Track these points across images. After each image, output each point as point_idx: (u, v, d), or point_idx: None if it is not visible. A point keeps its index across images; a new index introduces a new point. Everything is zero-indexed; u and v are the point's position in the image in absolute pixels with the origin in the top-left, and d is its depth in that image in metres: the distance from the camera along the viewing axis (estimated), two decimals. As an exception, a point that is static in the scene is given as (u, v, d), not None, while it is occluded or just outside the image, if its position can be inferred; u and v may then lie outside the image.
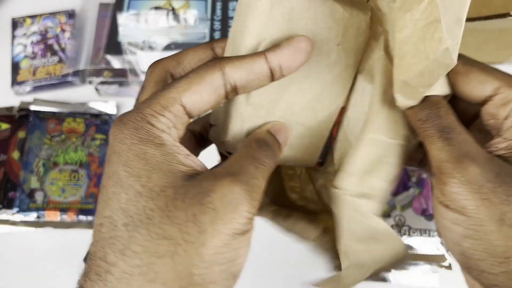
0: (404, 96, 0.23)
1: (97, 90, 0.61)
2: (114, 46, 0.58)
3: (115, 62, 0.58)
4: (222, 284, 0.19)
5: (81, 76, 0.62)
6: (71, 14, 0.66)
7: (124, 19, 0.56)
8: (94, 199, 0.53)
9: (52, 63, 0.62)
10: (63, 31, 0.65)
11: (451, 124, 0.22)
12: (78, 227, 0.52)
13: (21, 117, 0.57)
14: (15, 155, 0.55)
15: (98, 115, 0.59)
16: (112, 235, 0.19)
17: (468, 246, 0.20)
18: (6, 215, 0.51)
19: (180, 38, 0.58)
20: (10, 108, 0.59)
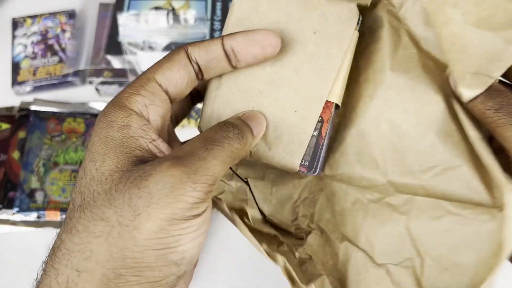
0: (471, 89, 0.21)
1: (97, 90, 0.61)
2: (114, 46, 0.58)
3: (115, 62, 0.58)
4: (160, 270, 0.19)
5: (81, 76, 0.62)
6: (71, 14, 0.66)
7: (124, 19, 0.56)
8: (94, 199, 0.53)
9: (52, 63, 0.62)
10: (63, 31, 0.65)
11: None
12: (78, 227, 0.52)
13: (21, 117, 0.57)
14: (15, 155, 0.55)
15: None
16: (70, 215, 0.20)
17: None
18: (6, 215, 0.51)
19: (180, 38, 0.58)
20: (10, 108, 0.59)
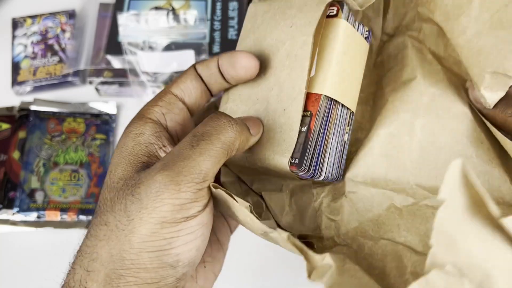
0: (492, 91, 0.22)
1: (97, 90, 0.61)
2: (114, 46, 0.58)
3: (116, 62, 0.58)
4: (155, 272, 0.20)
5: (81, 76, 0.62)
6: (71, 14, 0.66)
7: (124, 19, 0.56)
8: (94, 199, 0.53)
9: (53, 63, 0.62)
10: (63, 31, 0.65)
11: None
12: (79, 227, 0.52)
13: (21, 117, 0.57)
14: (16, 155, 0.55)
15: (99, 115, 0.59)
16: (91, 221, 0.22)
17: None
18: (6, 215, 0.51)
19: (180, 38, 0.58)
20: (10, 108, 0.59)
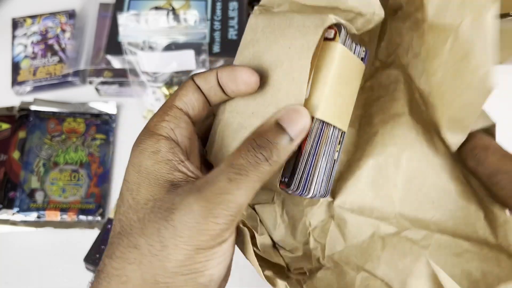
0: (452, 132, 0.24)
1: (97, 90, 0.61)
2: (114, 46, 0.58)
3: (115, 62, 0.58)
4: None
5: (81, 76, 0.62)
6: (71, 14, 0.66)
7: (124, 19, 0.56)
8: (94, 199, 0.53)
9: (53, 63, 0.62)
10: (63, 31, 0.65)
11: (496, 166, 0.22)
12: (79, 227, 0.52)
13: (21, 117, 0.58)
14: (16, 155, 0.55)
15: (99, 115, 0.59)
16: (111, 241, 0.22)
17: None
18: (6, 215, 0.51)
19: (180, 38, 0.58)
20: (10, 108, 0.59)
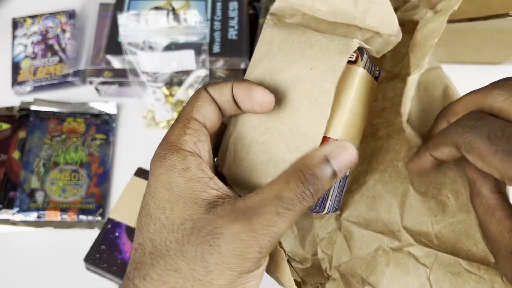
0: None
1: (97, 90, 0.61)
2: (114, 46, 0.58)
3: (116, 62, 0.58)
4: None
5: (81, 76, 0.62)
6: (71, 14, 0.66)
7: (124, 19, 0.56)
8: (94, 199, 0.53)
9: (53, 63, 0.62)
10: (63, 31, 0.65)
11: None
12: (79, 227, 0.52)
13: (21, 117, 0.57)
14: (16, 155, 0.55)
15: (99, 115, 0.59)
16: (141, 260, 0.21)
17: None
18: (6, 215, 0.51)
19: (180, 38, 0.58)
20: (10, 108, 0.59)
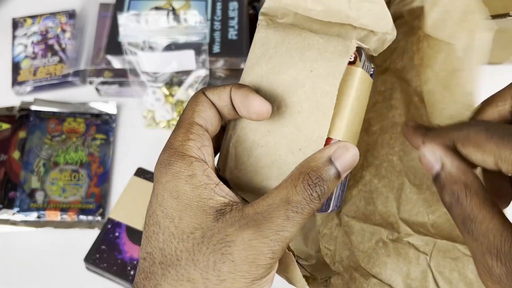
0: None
1: (97, 90, 0.61)
2: (114, 46, 0.58)
3: (116, 62, 0.58)
4: None
5: (81, 76, 0.62)
6: (71, 14, 0.66)
7: (124, 19, 0.56)
8: (94, 198, 0.53)
9: (53, 63, 0.62)
10: (63, 31, 0.65)
11: (472, 212, 0.20)
12: (79, 227, 0.52)
13: (21, 117, 0.58)
14: (16, 155, 0.55)
15: (99, 115, 0.59)
16: (150, 270, 0.21)
17: None
18: (6, 215, 0.51)
19: (180, 38, 0.58)
20: (10, 108, 0.59)
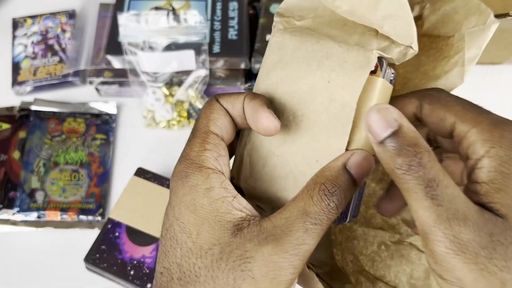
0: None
1: (97, 90, 0.61)
2: (114, 46, 0.58)
3: (116, 62, 0.58)
4: None
5: (81, 76, 0.62)
6: (71, 14, 0.66)
7: (124, 19, 0.56)
8: (94, 198, 0.53)
9: (53, 63, 0.62)
10: (63, 31, 0.65)
11: (437, 175, 0.18)
12: (79, 227, 0.52)
13: (21, 117, 0.58)
14: (16, 155, 0.55)
15: (99, 115, 0.59)
16: (168, 286, 0.21)
17: None
18: (6, 215, 0.51)
19: (180, 39, 0.58)
20: (10, 108, 0.59)
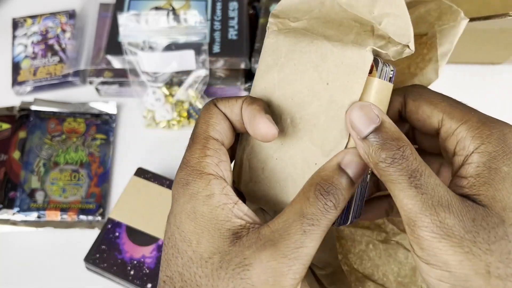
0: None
1: (97, 90, 0.61)
2: (114, 46, 0.58)
3: (116, 62, 0.58)
4: None
5: (81, 76, 0.62)
6: (71, 14, 0.66)
7: (124, 19, 0.56)
8: (94, 198, 0.53)
9: (53, 63, 0.62)
10: (63, 31, 0.65)
11: (420, 166, 0.19)
12: (79, 227, 0.52)
13: (21, 117, 0.58)
14: (16, 155, 0.55)
15: (99, 115, 0.59)
16: None
17: None
18: (6, 215, 0.51)
19: (180, 38, 0.58)
20: (10, 108, 0.59)
